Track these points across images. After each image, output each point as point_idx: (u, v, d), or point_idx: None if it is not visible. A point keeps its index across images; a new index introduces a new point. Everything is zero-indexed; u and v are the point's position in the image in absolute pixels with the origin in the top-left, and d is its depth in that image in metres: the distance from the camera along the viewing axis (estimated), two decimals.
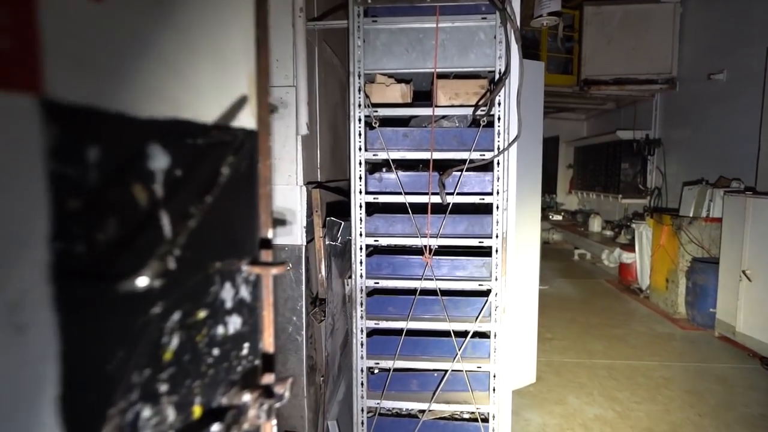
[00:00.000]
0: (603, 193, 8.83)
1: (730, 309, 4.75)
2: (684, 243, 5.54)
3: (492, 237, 2.00)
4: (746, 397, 3.73)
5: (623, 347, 4.81)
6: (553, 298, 6.68)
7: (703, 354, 4.63)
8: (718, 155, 6.21)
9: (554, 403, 3.64)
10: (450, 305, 2.11)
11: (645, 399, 3.71)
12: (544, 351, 4.71)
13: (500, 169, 1.95)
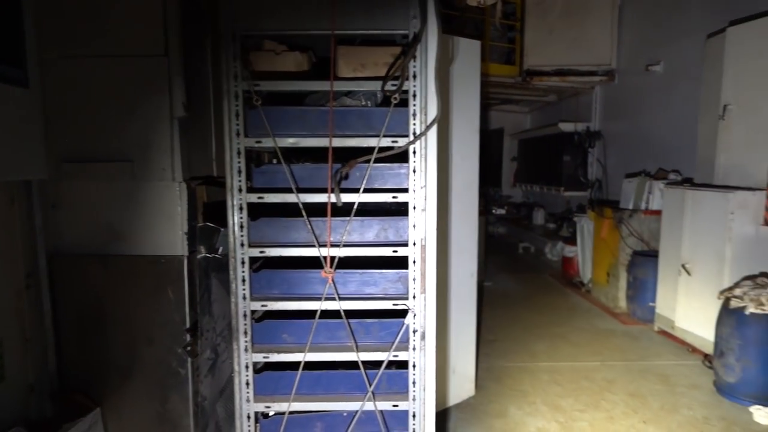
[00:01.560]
0: (546, 185, 8.75)
1: (669, 303, 4.64)
2: (624, 236, 5.43)
3: (408, 244, 1.61)
4: (689, 398, 3.58)
5: (566, 347, 4.60)
6: (497, 295, 6.46)
7: (644, 351, 4.49)
8: (656, 147, 6.16)
9: (495, 417, 3.34)
10: (360, 330, 1.70)
11: (588, 406, 3.48)
12: (485, 355, 4.43)
13: (417, 160, 1.56)
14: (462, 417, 3.32)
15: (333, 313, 1.68)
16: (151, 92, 1.94)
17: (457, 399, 3.42)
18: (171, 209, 1.97)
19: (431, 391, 1.65)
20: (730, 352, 3.49)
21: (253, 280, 1.70)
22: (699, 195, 4.33)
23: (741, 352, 3.42)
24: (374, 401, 1.67)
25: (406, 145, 1.55)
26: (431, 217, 1.58)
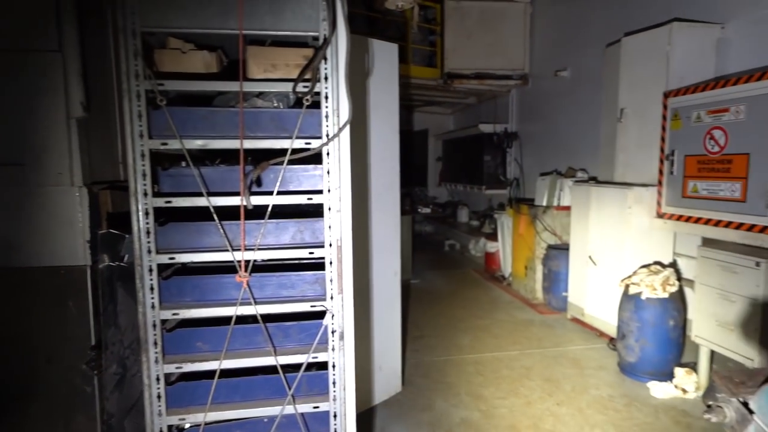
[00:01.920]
0: (469, 184, 9.09)
1: (579, 292, 5.00)
2: (539, 231, 5.77)
3: (324, 246, 1.61)
4: (596, 379, 3.88)
5: (489, 338, 4.82)
6: (424, 292, 6.63)
7: (558, 338, 4.81)
8: (566, 147, 6.61)
9: (421, 410, 3.43)
10: (278, 333, 1.68)
11: (508, 393, 3.67)
12: (413, 351, 4.53)
13: (331, 161, 1.57)
14: (389, 413, 3.37)
15: (253, 318, 1.65)
16: (44, 91, 1.79)
17: (384, 396, 3.47)
18: (70, 216, 1.83)
19: (351, 390, 1.67)
20: (630, 334, 3.82)
21: (162, 288, 1.62)
22: (602, 191, 4.70)
23: (639, 333, 3.77)
24: (294, 404, 1.66)
25: (319, 147, 1.55)
26: (347, 218, 1.60)
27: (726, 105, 3.42)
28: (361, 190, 3.04)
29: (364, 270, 3.18)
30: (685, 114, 3.79)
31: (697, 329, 3.57)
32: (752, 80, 3.22)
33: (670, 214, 4.01)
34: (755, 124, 3.21)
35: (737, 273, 3.20)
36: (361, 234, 3.11)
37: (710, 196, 3.60)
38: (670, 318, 3.67)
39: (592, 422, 3.24)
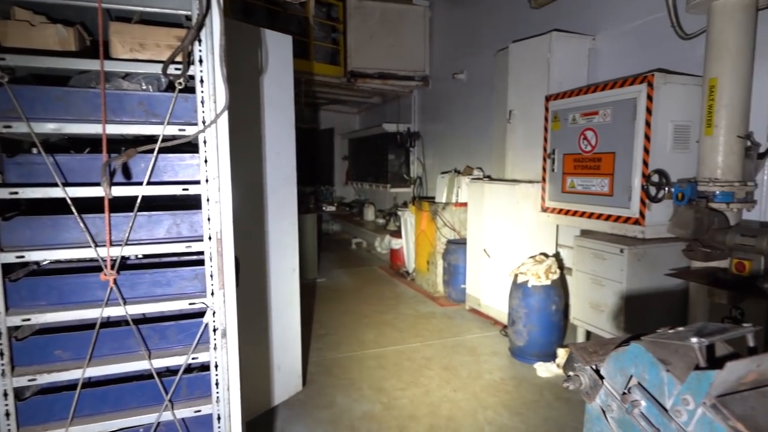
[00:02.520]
0: (375, 183, 9.21)
1: (475, 284, 5.27)
2: (440, 227, 6.00)
3: (203, 239, 1.52)
4: (490, 364, 4.10)
5: (392, 332, 4.91)
6: (330, 290, 6.60)
7: (457, 328, 5.02)
8: (464, 146, 6.94)
9: (323, 408, 3.40)
10: (154, 335, 1.56)
11: (409, 384, 3.76)
12: (317, 350, 4.48)
13: (208, 150, 1.48)
14: (289, 413, 3.30)
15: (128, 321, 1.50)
16: None
17: (284, 396, 3.39)
18: None
19: (236, 390, 1.59)
20: (519, 320, 4.10)
21: (10, 291, 1.43)
22: (494, 188, 4.99)
23: (527, 319, 4.05)
24: (173, 410, 1.55)
25: (195, 134, 1.46)
26: (227, 210, 1.52)
27: (596, 108, 3.79)
28: (255, 184, 2.93)
29: (260, 267, 3.08)
30: (563, 116, 4.14)
31: (575, 312, 3.92)
32: (616, 87, 3.60)
33: (552, 208, 4.36)
34: (619, 126, 3.59)
35: (606, 259, 3.56)
36: (257, 230, 3.01)
37: (584, 191, 3.97)
38: (552, 303, 3.98)
39: (486, 404, 3.42)
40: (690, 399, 0.97)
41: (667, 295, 3.50)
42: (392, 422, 3.21)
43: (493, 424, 3.18)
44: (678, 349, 1.08)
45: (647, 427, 1.07)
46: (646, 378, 1.08)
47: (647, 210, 3.41)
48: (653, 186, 3.32)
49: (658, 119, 3.36)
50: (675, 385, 1.01)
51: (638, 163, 3.44)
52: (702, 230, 2.93)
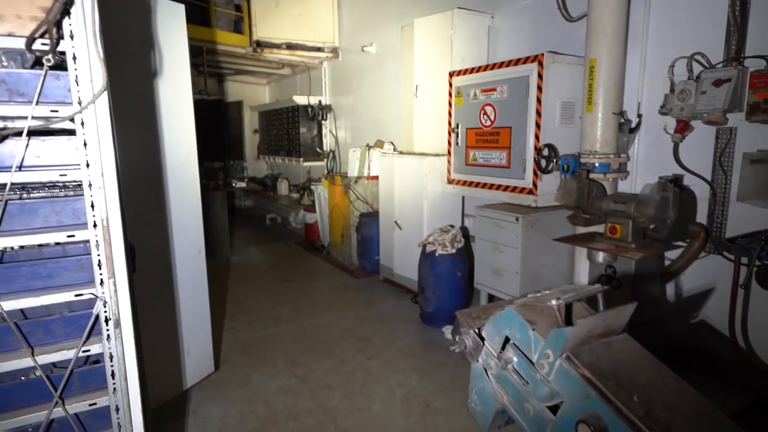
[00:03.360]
0: (287, 156, 9.02)
1: (388, 255, 5.43)
2: (353, 200, 6.06)
3: (88, 227, 1.44)
4: (402, 331, 4.30)
5: (308, 307, 4.95)
6: (244, 268, 6.47)
7: (372, 298, 5.17)
8: (376, 120, 6.99)
9: (237, 387, 3.39)
10: (37, 330, 1.47)
11: (324, 356, 3.85)
12: (231, 329, 4.42)
13: (87, 132, 1.39)
14: (202, 395, 3.26)
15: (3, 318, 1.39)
16: None
17: (196, 378, 3.33)
18: None
19: (134, 379, 1.55)
20: (428, 287, 4.31)
21: None
22: (403, 161, 5.12)
23: (435, 286, 4.27)
24: (63, 406, 1.48)
25: (69, 116, 1.36)
26: (113, 195, 1.44)
27: (494, 85, 4.00)
28: (151, 164, 2.78)
29: (163, 251, 2.95)
30: (466, 92, 4.32)
31: (478, 277, 4.20)
32: (511, 65, 3.81)
33: (457, 180, 4.58)
34: (514, 102, 3.82)
35: (504, 228, 3.83)
36: (157, 212, 2.87)
37: (485, 163, 4.20)
38: (458, 270, 4.23)
39: (397, 369, 3.61)
40: (550, 353, 1.12)
41: (557, 257, 3.86)
42: (307, 394, 3.29)
43: (404, 386, 3.37)
44: (543, 310, 1.22)
45: (518, 380, 1.21)
46: (517, 337, 1.21)
47: (539, 181, 3.70)
48: (544, 159, 3.60)
49: (548, 96, 3.62)
50: (539, 342, 1.15)
51: (531, 137, 3.70)
52: (583, 199, 3.25)
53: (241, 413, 3.07)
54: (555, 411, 1.13)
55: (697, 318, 3.41)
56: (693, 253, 3.18)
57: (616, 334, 1.19)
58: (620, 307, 1.15)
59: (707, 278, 3.32)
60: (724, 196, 3.16)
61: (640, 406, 0.98)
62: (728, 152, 3.11)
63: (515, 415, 1.24)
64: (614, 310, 1.13)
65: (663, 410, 0.98)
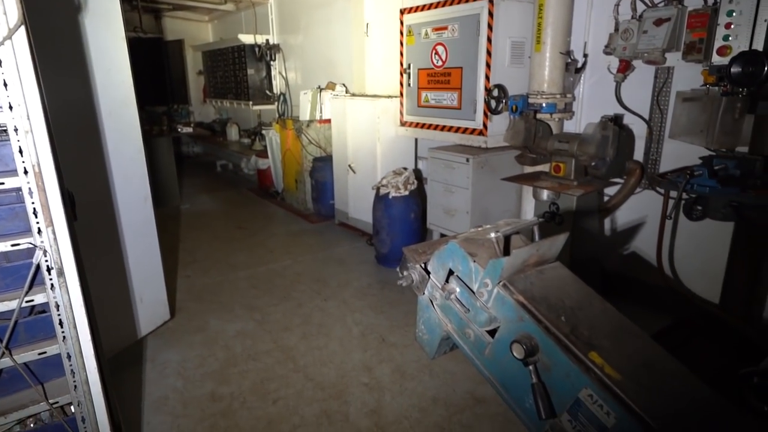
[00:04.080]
0: (236, 100, 8.64)
1: (343, 198, 5.44)
2: (305, 145, 5.95)
3: (18, 174, 1.36)
4: (358, 272, 4.41)
5: (263, 253, 4.95)
6: (196, 216, 6.33)
7: (327, 242, 5.23)
8: (326, 61, 6.75)
9: (195, 333, 3.42)
10: None
11: (281, 299, 3.91)
12: (186, 277, 4.38)
13: (5, 71, 1.28)
14: (159, 342, 3.27)
15: None
16: None
17: (151, 326, 3.33)
18: None
19: (84, 327, 1.54)
20: (383, 229, 4.40)
21: None
22: (355, 104, 5.03)
23: (389, 228, 4.36)
24: (11, 356, 1.47)
25: None
26: (42, 139, 1.36)
27: (445, 23, 3.93)
28: (84, 108, 2.61)
29: (105, 198, 2.84)
30: (417, 30, 4.23)
31: (431, 218, 4.31)
32: (462, 2, 3.74)
33: (410, 122, 4.57)
34: (465, 42, 3.78)
35: (455, 169, 3.90)
36: (94, 159, 2.73)
37: (437, 105, 4.20)
38: (411, 212, 4.32)
39: (354, 308, 3.73)
40: (489, 282, 1.20)
41: (505, 196, 4.00)
42: (266, 336, 3.36)
43: (360, 324, 3.50)
44: (483, 243, 1.29)
45: (461, 308, 1.29)
46: (459, 269, 1.28)
47: (489, 122, 3.76)
48: (494, 99, 3.63)
49: (498, 35, 3.60)
50: (479, 272, 1.22)
51: (481, 78, 3.71)
52: (530, 139, 3.34)
53: (201, 357, 3.12)
54: (493, 335, 1.22)
55: (629, 250, 3.67)
56: (629, 189, 3.37)
57: (550, 262, 1.27)
58: (553, 237, 1.22)
59: (642, 212, 3.55)
60: (660, 134, 3.33)
61: (566, 325, 1.08)
62: (665, 91, 3.25)
63: (458, 341, 1.33)
64: (547, 240, 1.21)
65: (586, 327, 1.09)
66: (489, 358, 1.24)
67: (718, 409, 0.99)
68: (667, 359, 1.07)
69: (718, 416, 0.98)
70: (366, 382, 2.83)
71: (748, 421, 0.98)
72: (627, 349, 1.08)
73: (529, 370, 1.08)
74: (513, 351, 1.11)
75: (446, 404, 2.62)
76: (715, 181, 2.18)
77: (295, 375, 2.91)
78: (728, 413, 0.98)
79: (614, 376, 0.98)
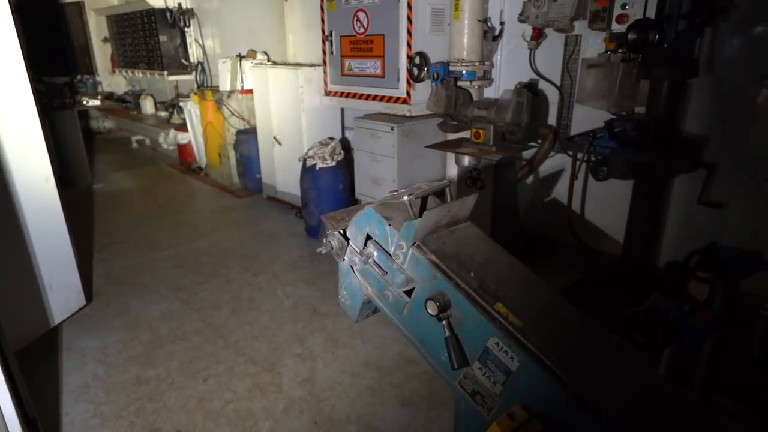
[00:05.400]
0: (149, 70, 8.06)
1: (270, 172, 5.31)
2: (227, 117, 5.71)
3: None
4: (288, 246, 4.36)
5: (188, 230, 4.76)
6: (111, 195, 5.93)
7: (256, 217, 5.11)
8: (246, 27, 6.41)
9: (115, 317, 3.25)
10: None
11: (209, 277, 3.80)
12: (102, 260, 4.13)
13: None
14: (76, 330, 3.09)
15: None
16: None
17: (65, 314, 3.13)
18: None
19: None
20: (311, 201, 4.35)
21: None
22: (278, 73, 4.87)
23: (318, 199, 4.32)
24: None
25: None
26: None
27: None
28: None
29: None
30: None
31: (359, 188, 4.32)
32: None
33: (334, 92, 4.50)
34: (386, 8, 3.74)
35: (380, 138, 3.92)
36: None
37: (361, 73, 4.16)
38: (339, 182, 4.30)
39: (284, 281, 3.70)
40: (404, 244, 1.23)
41: (430, 163, 4.09)
42: (194, 315, 3.27)
43: (291, 296, 3.49)
44: (398, 206, 1.32)
45: (379, 271, 1.32)
46: (376, 233, 1.31)
47: (412, 90, 3.78)
48: (416, 67, 3.65)
49: (418, 2, 3.59)
50: (395, 235, 1.25)
51: (403, 46, 3.71)
52: (452, 106, 3.41)
53: (123, 341, 2.99)
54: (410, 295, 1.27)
55: (545, 210, 3.91)
56: (543, 153, 3.56)
57: (462, 223, 1.33)
58: (463, 198, 1.28)
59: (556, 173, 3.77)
60: (570, 100, 3.52)
61: (475, 280, 1.14)
62: (574, 59, 3.42)
63: (378, 303, 1.37)
64: (458, 201, 1.26)
65: (493, 281, 1.16)
66: (407, 317, 1.29)
67: (606, 346, 1.10)
68: (564, 306, 1.17)
69: (606, 350, 1.10)
70: (299, 353, 2.85)
71: (632, 353, 1.10)
72: (529, 299, 1.16)
73: (443, 325, 1.13)
74: (427, 308, 1.16)
75: (378, 367, 2.71)
76: (615, 143, 2.35)
77: (225, 351, 2.87)
78: (615, 348, 1.09)
79: (517, 324, 1.06)
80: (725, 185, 2.90)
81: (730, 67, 2.77)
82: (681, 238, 3.20)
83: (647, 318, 1.21)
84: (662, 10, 2.26)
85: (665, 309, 1.23)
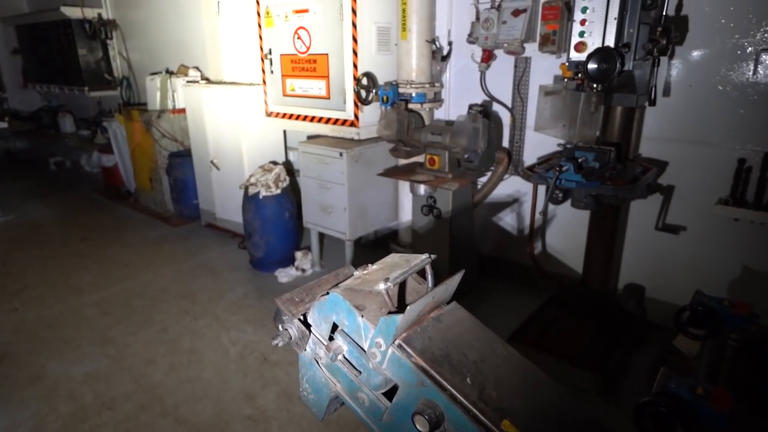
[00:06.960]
0: (67, 85, 7.35)
1: (208, 198, 4.91)
2: (158, 138, 5.24)
3: None
4: (231, 281, 4.01)
5: (116, 269, 4.28)
6: (24, 229, 5.28)
7: (194, 248, 4.69)
8: (176, 41, 5.96)
9: (27, 385, 2.79)
10: None
11: (141, 325, 3.39)
12: (11, 312, 3.60)
13: None
14: None
15: None
16: None
17: None
18: None
19: None
20: (255, 231, 4.03)
21: None
22: (213, 92, 4.51)
23: (262, 230, 4.01)
24: None
25: None
26: None
27: (306, 6, 3.61)
28: None
29: None
30: (276, 12, 3.85)
31: (307, 216, 4.04)
32: None
33: (276, 113, 4.20)
34: (329, 26, 3.52)
35: (328, 164, 3.67)
36: None
37: (304, 94, 3.91)
38: (285, 211, 4.01)
39: (229, 325, 3.36)
40: (382, 342, 1.01)
41: (382, 191, 3.89)
42: (124, 375, 2.87)
43: (237, 343, 3.16)
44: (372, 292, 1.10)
45: (351, 369, 1.09)
46: (346, 324, 1.08)
47: (360, 112, 3.57)
48: (363, 89, 3.44)
49: (363, 20, 3.40)
50: (369, 329, 1.03)
51: (349, 66, 3.49)
52: (403, 131, 3.24)
53: (37, 417, 2.55)
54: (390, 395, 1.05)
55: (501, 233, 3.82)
56: (498, 177, 3.47)
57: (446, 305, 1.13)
58: (448, 279, 1.08)
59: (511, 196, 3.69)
60: (522, 122, 3.45)
61: (473, 389, 0.94)
62: (524, 81, 3.35)
63: (350, 404, 1.14)
64: (442, 285, 1.06)
65: (493, 387, 0.96)
66: (387, 423, 1.07)
67: None
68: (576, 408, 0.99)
69: None
70: (249, 414, 2.55)
71: None
72: (536, 406, 0.97)
73: None
74: (416, 424, 0.96)
75: (339, 426, 2.46)
76: (580, 176, 2.26)
77: (163, 420, 2.51)
78: None
79: None
80: (679, 208, 2.91)
81: (682, 95, 2.78)
82: (638, 260, 3.19)
83: (661, 408, 1.06)
84: (620, 38, 2.20)
85: (678, 395, 1.09)
